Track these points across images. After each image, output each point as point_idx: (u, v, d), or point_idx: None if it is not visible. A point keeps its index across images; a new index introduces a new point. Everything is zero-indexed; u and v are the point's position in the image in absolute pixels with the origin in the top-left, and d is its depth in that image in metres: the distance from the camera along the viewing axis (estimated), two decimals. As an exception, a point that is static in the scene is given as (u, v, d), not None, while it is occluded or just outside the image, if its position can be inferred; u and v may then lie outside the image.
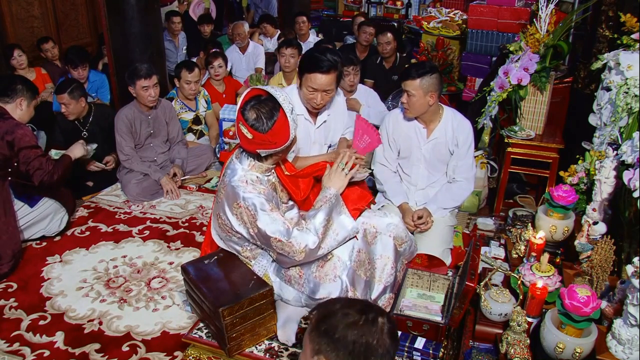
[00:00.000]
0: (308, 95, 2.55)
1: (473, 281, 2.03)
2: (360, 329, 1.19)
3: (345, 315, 1.20)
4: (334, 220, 2.26)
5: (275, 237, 2.15)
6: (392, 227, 2.46)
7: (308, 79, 2.50)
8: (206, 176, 4.04)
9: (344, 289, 2.19)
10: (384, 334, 1.20)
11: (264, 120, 2.05)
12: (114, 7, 4.03)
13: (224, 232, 2.36)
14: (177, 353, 2.32)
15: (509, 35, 4.15)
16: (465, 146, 2.82)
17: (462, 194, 2.88)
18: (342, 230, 2.26)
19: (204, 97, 4.33)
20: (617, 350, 1.77)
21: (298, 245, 2.15)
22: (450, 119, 2.81)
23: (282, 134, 2.09)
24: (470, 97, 4.27)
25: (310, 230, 2.18)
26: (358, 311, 1.21)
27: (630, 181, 2.00)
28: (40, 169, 2.92)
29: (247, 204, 2.14)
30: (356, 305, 1.24)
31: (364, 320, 1.20)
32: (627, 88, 2.62)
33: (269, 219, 2.15)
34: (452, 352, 2.21)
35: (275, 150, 2.13)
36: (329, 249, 2.25)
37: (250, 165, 2.22)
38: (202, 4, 7.18)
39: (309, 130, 2.72)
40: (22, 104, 3.01)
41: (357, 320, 1.19)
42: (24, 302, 2.64)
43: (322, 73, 2.46)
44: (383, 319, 1.22)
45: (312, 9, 8.61)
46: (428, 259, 2.76)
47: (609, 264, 2.05)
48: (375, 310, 1.24)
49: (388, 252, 2.43)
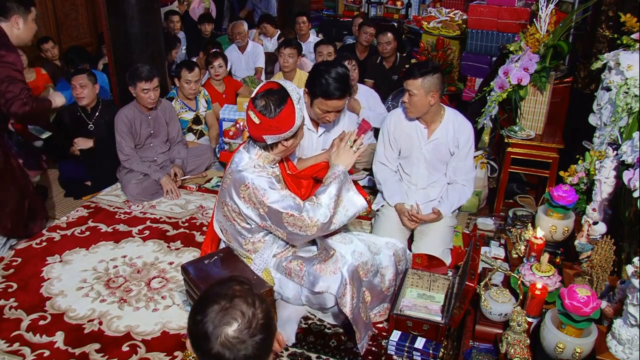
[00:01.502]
0: (320, 115, 2.59)
1: (473, 281, 2.03)
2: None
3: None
4: (344, 196, 2.29)
5: (288, 212, 2.17)
6: (391, 245, 2.55)
7: (322, 103, 2.53)
8: (206, 176, 4.04)
9: (343, 282, 2.20)
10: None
11: (272, 107, 2.13)
12: (114, 7, 4.02)
13: (228, 220, 2.37)
14: (177, 353, 2.32)
15: (509, 35, 4.15)
16: (466, 148, 2.82)
17: (465, 195, 2.90)
18: (352, 207, 2.29)
19: (204, 97, 4.33)
20: (617, 350, 1.77)
21: (310, 219, 2.18)
22: (452, 119, 2.81)
23: (288, 120, 2.16)
24: (470, 97, 4.27)
25: (321, 205, 2.21)
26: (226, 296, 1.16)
27: (630, 181, 2.00)
28: (18, 98, 2.71)
29: (255, 184, 2.19)
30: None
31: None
32: (627, 88, 2.62)
33: (279, 195, 2.19)
34: (452, 352, 2.21)
35: (280, 136, 2.17)
36: (340, 224, 2.28)
37: (257, 154, 2.28)
38: (202, 4, 7.19)
39: (312, 138, 2.76)
40: (18, 22, 2.79)
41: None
42: (24, 302, 2.64)
43: (337, 99, 2.51)
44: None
45: (312, 9, 8.60)
46: (428, 259, 2.77)
47: (609, 264, 2.05)
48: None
49: (389, 264, 2.48)
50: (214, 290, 1.18)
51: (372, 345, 2.35)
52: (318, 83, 2.49)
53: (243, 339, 1.11)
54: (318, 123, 2.73)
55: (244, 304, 1.14)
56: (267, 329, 1.15)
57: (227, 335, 1.10)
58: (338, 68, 2.53)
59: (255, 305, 1.15)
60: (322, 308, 2.38)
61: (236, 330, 1.11)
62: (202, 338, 1.12)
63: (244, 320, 1.12)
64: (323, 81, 2.47)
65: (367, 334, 2.31)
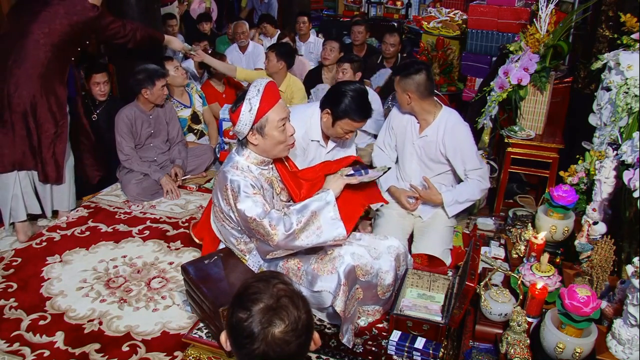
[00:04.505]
0: (341, 134, 2.68)
1: (473, 281, 2.03)
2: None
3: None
4: (321, 217, 2.22)
5: (252, 217, 2.17)
6: (392, 249, 2.52)
7: (349, 124, 2.63)
8: (206, 176, 4.04)
9: (339, 283, 2.20)
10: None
11: (237, 103, 2.24)
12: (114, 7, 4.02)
13: (218, 220, 2.41)
14: (177, 353, 2.32)
15: (509, 35, 4.15)
16: (466, 149, 2.81)
17: (479, 189, 2.88)
18: (328, 231, 2.22)
19: (197, 92, 4.33)
20: (617, 350, 1.77)
21: (271, 226, 2.16)
22: (445, 121, 2.81)
23: (239, 115, 2.22)
24: (470, 97, 4.26)
25: (289, 216, 2.20)
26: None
27: (630, 181, 2.00)
28: (123, 36, 3.39)
29: (233, 185, 2.21)
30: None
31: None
32: (627, 88, 2.62)
33: (250, 201, 2.19)
34: (452, 352, 2.21)
35: (235, 130, 2.26)
36: (309, 243, 2.21)
37: (245, 155, 2.30)
38: (203, 4, 7.18)
39: (321, 153, 2.80)
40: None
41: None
42: (24, 302, 2.64)
43: (366, 119, 2.65)
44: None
45: (312, 9, 8.61)
46: (428, 259, 2.77)
47: (609, 264, 2.05)
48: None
49: (390, 269, 2.45)
50: (256, 287, 1.15)
51: (372, 345, 2.35)
52: (344, 104, 2.58)
53: (289, 340, 1.10)
54: (329, 138, 2.76)
55: (291, 305, 1.13)
56: (310, 330, 1.15)
57: (273, 336, 1.09)
58: (358, 87, 2.67)
59: (300, 306, 1.14)
60: (320, 308, 2.38)
61: (282, 331, 1.10)
62: (246, 336, 1.11)
63: (290, 321, 1.11)
64: (350, 103, 2.59)
65: (348, 327, 2.30)
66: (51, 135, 3.09)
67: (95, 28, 3.26)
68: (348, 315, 2.28)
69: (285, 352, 1.10)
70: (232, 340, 1.15)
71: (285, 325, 1.10)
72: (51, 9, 3.02)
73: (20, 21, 3.04)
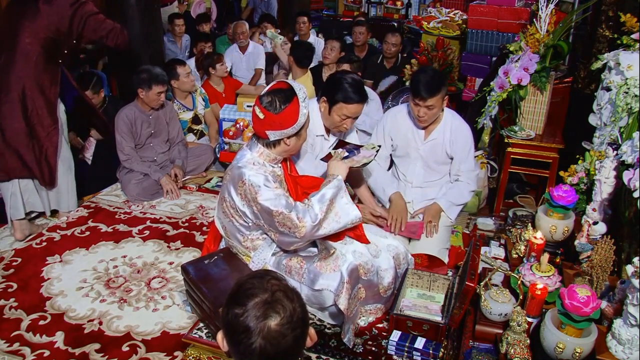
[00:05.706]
0: (338, 122, 2.62)
1: (473, 281, 2.03)
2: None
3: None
4: (337, 204, 2.29)
5: (278, 210, 2.18)
6: (392, 248, 2.53)
7: (343, 108, 2.57)
8: (206, 176, 4.04)
9: (342, 281, 2.21)
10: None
11: (277, 104, 2.19)
12: (114, 7, 4.02)
13: (227, 217, 2.39)
14: (177, 353, 2.32)
15: (509, 35, 4.15)
16: (465, 149, 2.82)
17: (466, 190, 2.88)
18: (345, 216, 2.29)
19: (200, 94, 4.34)
20: (617, 350, 1.77)
21: (299, 219, 2.19)
22: (450, 121, 2.81)
23: (291, 117, 2.20)
24: (470, 97, 4.26)
25: (312, 207, 2.23)
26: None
27: (630, 181, 2.00)
28: (112, 31, 3.22)
29: (251, 180, 2.21)
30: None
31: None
32: (627, 88, 2.62)
33: (272, 194, 2.20)
34: (452, 352, 2.21)
35: (282, 132, 2.21)
36: (330, 230, 2.28)
37: (259, 152, 2.30)
38: (203, 4, 7.18)
39: (324, 147, 2.78)
40: None
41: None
42: (24, 302, 2.64)
43: (357, 103, 2.56)
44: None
45: (312, 9, 8.60)
46: (428, 259, 2.77)
47: (609, 264, 2.05)
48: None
49: (389, 267, 2.47)
50: (250, 283, 1.16)
51: (372, 345, 2.35)
52: (338, 89, 2.56)
53: (285, 333, 1.11)
54: (330, 132, 2.76)
55: (285, 298, 1.14)
56: (305, 323, 1.16)
57: (269, 329, 1.10)
58: (354, 75, 2.65)
59: (294, 299, 1.16)
60: (321, 307, 2.38)
61: (278, 324, 1.11)
62: (242, 332, 1.11)
63: (285, 314, 1.12)
64: (343, 87, 2.54)
65: (350, 327, 2.31)
66: (42, 138, 3.07)
67: (80, 15, 3.12)
68: (351, 315, 2.29)
69: (282, 345, 1.11)
70: (229, 338, 1.15)
71: (281, 318, 1.11)
72: (36, 5, 2.98)
73: (11, 20, 3.03)
